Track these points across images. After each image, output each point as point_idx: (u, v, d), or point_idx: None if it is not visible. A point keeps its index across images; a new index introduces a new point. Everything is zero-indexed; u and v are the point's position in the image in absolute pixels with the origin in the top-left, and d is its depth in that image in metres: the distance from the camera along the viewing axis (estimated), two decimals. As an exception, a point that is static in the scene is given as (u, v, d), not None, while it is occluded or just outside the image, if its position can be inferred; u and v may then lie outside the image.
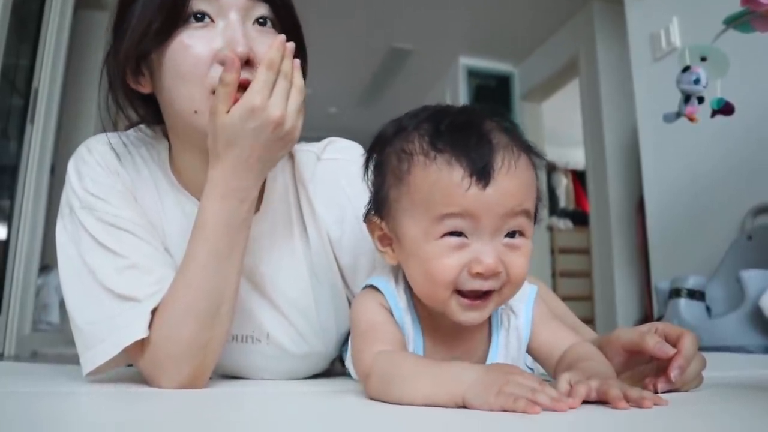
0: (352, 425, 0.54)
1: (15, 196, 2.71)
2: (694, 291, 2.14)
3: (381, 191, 0.76)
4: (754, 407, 0.62)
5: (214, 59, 0.84)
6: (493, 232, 0.68)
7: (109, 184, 0.92)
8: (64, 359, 1.56)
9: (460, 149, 0.67)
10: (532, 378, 0.58)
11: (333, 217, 0.99)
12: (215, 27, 0.85)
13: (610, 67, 3.99)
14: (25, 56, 2.81)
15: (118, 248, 0.87)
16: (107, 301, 0.84)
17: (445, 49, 4.95)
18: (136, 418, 0.60)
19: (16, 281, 2.66)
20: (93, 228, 0.88)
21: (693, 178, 2.46)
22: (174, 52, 0.85)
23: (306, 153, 1.03)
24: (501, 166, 0.67)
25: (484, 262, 0.67)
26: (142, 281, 0.85)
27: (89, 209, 0.89)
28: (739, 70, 1.31)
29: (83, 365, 0.84)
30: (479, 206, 0.66)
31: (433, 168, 0.68)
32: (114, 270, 0.85)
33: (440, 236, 0.68)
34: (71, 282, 0.88)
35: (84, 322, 0.85)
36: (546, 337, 0.80)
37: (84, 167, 0.94)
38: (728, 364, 1.27)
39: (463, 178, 0.66)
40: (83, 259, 0.87)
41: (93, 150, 0.95)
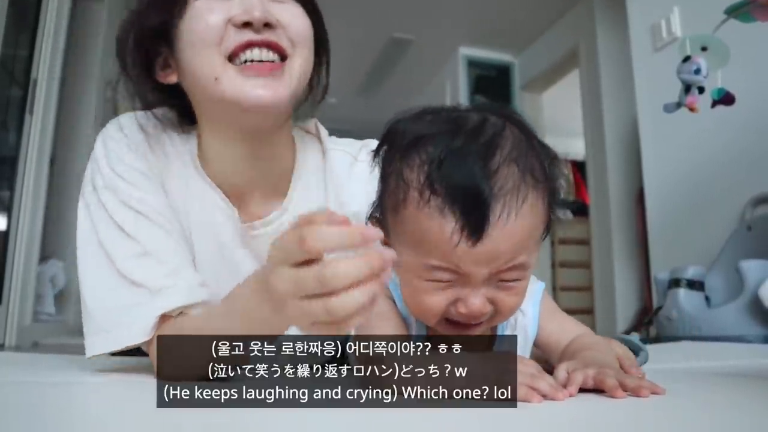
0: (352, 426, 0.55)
1: (14, 187, 2.71)
2: (694, 281, 2.15)
3: (381, 203, 0.73)
4: (752, 396, 0.62)
5: (229, 24, 0.83)
6: (481, 281, 0.65)
7: (136, 166, 0.90)
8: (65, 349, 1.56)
9: (456, 195, 0.61)
10: (531, 365, 0.58)
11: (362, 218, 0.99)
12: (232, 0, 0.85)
13: (611, 58, 3.98)
14: (24, 47, 2.80)
15: (137, 234, 0.86)
16: (119, 286, 0.83)
17: (445, 39, 4.93)
18: (139, 409, 0.60)
19: (16, 272, 2.66)
20: (114, 210, 0.87)
21: (693, 168, 2.46)
22: (190, 19, 0.84)
23: (341, 152, 1.01)
24: (498, 218, 0.61)
25: (469, 307, 0.65)
26: (155, 270, 0.84)
27: (113, 190, 0.88)
28: (740, 61, 1.31)
29: (87, 347, 0.84)
30: (467, 262, 0.63)
31: (425, 212, 0.63)
32: (130, 255, 0.84)
33: (427, 279, 0.66)
34: (86, 261, 0.87)
35: (94, 304, 0.84)
36: (552, 329, 0.80)
37: (113, 145, 0.91)
38: (727, 354, 1.27)
39: (453, 233, 0.61)
40: (100, 240, 0.86)
41: (123, 128, 0.93)
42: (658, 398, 0.58)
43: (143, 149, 0.92)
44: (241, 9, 0.84)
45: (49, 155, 2.90)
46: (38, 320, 2.98)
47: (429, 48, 5.05)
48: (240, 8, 0.84)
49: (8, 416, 0.52)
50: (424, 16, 4.56)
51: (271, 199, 0.96)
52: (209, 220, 0.91)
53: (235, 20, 0.83)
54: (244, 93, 0.83)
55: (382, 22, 4.66)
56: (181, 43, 0.86)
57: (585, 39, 4.23)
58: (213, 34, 0.83)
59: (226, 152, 0.92)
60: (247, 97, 0.83)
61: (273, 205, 0.96)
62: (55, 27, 2.89)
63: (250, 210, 0.95)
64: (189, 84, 0.89)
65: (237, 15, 0.83)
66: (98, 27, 3.63)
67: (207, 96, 0.87)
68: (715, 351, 1.41)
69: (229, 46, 0.83)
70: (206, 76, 0.84)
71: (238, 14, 0.83)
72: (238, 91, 0.83)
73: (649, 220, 2.72)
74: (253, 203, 0.96)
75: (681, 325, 2.10)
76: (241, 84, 0.83)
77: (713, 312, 2.03)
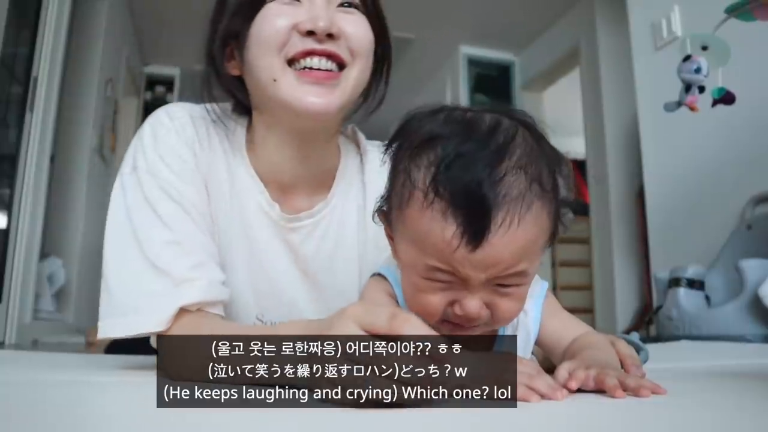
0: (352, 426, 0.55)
1: (15, 185, 2.71)
2: (694, 280, 2.15)
3: (389, 198, 0.73)
4: (752, 396, 0.62)
5: (294, 30, 0.86)
6: (479, 284, 0.65)
7: (182, 156, 0.91)
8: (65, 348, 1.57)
9: (460, 199, 0.61)
10: (529, 365, 0.58)
11: None
12: (301, 5, 0.87)
13: (611, 57, 3.98)
14: (25, 44, 2.80)
15: (170, 222, 0.86)
16: (144, 270, 0.83)
17: (446, 38, 4.93)
18: (140, 409, 0.60)
19: (16, 270, 2.66)
20: (152, 194, 0.87)
21: (693, 167, 2.46)
22: (259, 21, 0.87)
23: (377, 153, 1.01)
24: (500, 226, 0.61)
25: (466, 310, 0.65)
26: (182, 261, 0.84)
27: (154, 174, 0.88)
28: (740, 60, 1.31)
29: (100, 328, 0.83)
30: (466, 268, 0.63)
31: (427, 215, 0.63)
32: (160, 241, 0.84)
33: (427, 277, 0.67)
34: (115, 241, 0.87)
35: (116, 286, 0.84)
36: (554, 327, 0.80)
37: (162, 130, 0.92)
38: (727, 353, 1.27)
39: (453, 237, 0.61)
40: (132, 221, 0.86)
41: (174, 117, 0.94)
42: (658, 398, 0.58)
43: (192, 141, 0.93)
44: (307, 16, 0.87)
45: (50, 153, 2.90)
46: (38, 318, 2.99)
47: (429, 47, 5.05)
48: (307, 15, 0.87)
49: (8, 415, 0.52)
50: (425, 14, 4.56)
51: (315, 195, 0.99)
52: (247, 212, 0.93)
53: (300, 27, 0.86)
54: (297, 98, 0.86)
55: (382, 20, 4.66)
56: (249, 41, 0.88)
57: (585, 38, 4.23)
58: (278, 38, 0.86)
59: (277, 150, 0.95)
60: (300, 102, 0.86)
61: (315, 199, 0.98)
62: (55, 25, 2.89)
63: (293, 204, 0.97)
64: (250, 80, 0.92)
65: (303, 22, 0.86)
66: (99, 25, 3.64)
67: (265, 95, 0.89)
68: (715, 350, 1.41)
69: (291, 51, 0.86)
70: (266, 77, 0.87)
71: (303, 21, 0.86)
72: (293, 95, 0.86)
73: (650, 219, 2.72)
74: (297, 198, 0.98)
75: (681, 324, 2.10)
76: (297, 89, 0.86)
77: (713, 311, 2.03)
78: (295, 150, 0.94)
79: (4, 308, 2.60)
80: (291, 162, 0.95)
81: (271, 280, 0.96)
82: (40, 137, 2.77)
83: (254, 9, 0.88)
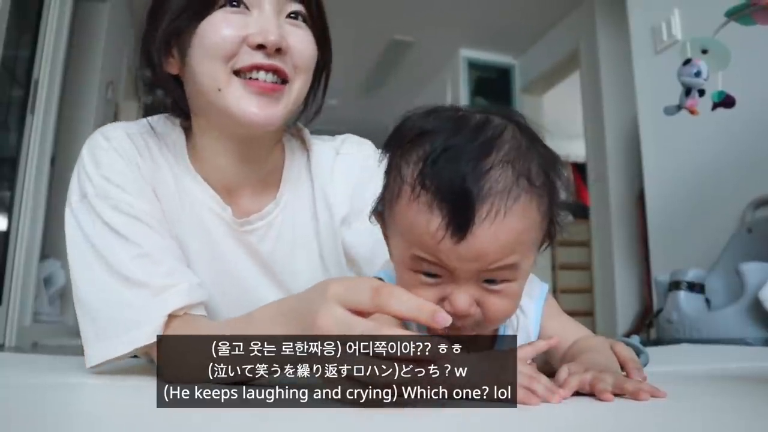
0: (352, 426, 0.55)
1: (15, 187, 2.71)
2: (694, 283, 2.15)
3: (383, 196, 0.74)
4: (752, 400, 0.62)
5: (243, 42, 0.86)
6: (468, 279, 0.65)
7: (127, 173, 0.91)
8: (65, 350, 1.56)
9: (445, 192, 0.61)
10: (528, 366, 0.58)
11: (351, 209, 1.00)
12: (250, 14, 0.87)
13: (611, 60, 3.98)
14: (26, 47, 2.80)
15: (133, 236, 0.86)
16: (122, 289, 0.83)
17: (446, 41, 4.94)
18: (140, 411, 0.60)
19: (16, 272, 2.66)
20: (107, 215, 0.87)
21: (693, 170, 2.46)
22: (205, 29, 0.86)
23: (323, 146, 1.05)
24: (485, 218, 0.61)
25: (455, 305, 0.65)
26: (156, 270, 0.85)
27: (104, 197, 0.88)
28: (740, 63, 1.31)
29: (90, 356, 0.83)
30: (452, 259, 0.63)
31: (414, 208, 0.64)
32: (128, 257, 0.85)
33: (415, 270, 0.67)
34: (82, 270, 0.87)
35: (98, 310, 0.84)
36: (554, 329, 0.80)
37: (101, 153, 0.92)
38: (727, 357, 1.27)
39: (438, 229, 0.61)
40: (95, 246, 0.86)
41: (110, 137, 0.94)
42: (658, 401, 0.58)
43: (131, 155, 0.93)
44: (257, 28, 0.86)
45: (50, 155, 2.90)
46: (38, 321, 2.98)
47: (430, 50, 5.06)
48: (256, 27, 0.86)
49: (8, 418, 0.52)
50: (425, 18, 4.57)
51: (262, 195, 0.99)
52: (201, 219, 0.93)
53: (250, 41, 0.86)
54: (242, 109, 0.87)
55: (383, 23, 4.67)
56: (193, 44, 0.87)
57: (585, 41, 4.23)
58: (225, 48, 0.86)
59: (220, 153, 0.95)
60: (245, 113, 0.87)
61: (264, 200, 0.98)
62: (56, 28, 2.89)
63: (241, 206, 0.97)
64: (190, 83, 0.91)
65: (253, 35, 0.86)
66: (100, 28, 3.64)
67: (207, 101, 0.89)
68: (715, 354, 1.41)
69: (239, 64, 0.86)
70: (210, 84, 0.87)
71: (254, 35, 0.86)
72: (238, 106, 0.87)
73: (650, 221, 2.72)
74: (244, 200, 0.98)
75: (681, 327, 2.10)
76: (242, 99, 0.86)
77: (713, 314, 2.03)
78: (238, 154, 0.94)
79: (4, 310, 2.60)
80: (235, 166, 0.95)
81: (237, 283, 0.97)
82: (40, 139, 2.77)
83: (202, 12, 0.87)
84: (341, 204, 1.00)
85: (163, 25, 0.89)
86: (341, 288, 0.58)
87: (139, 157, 0.93)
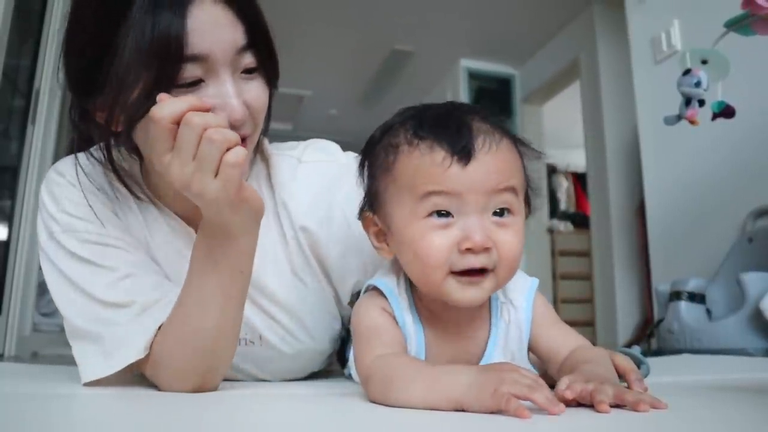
0: (354, 428, 0.54)
1: (16, 197, 2.71)
2: (695, 294, 2.14)
3: (372, 186, 0.77)
4: (754, 411, 0.62)
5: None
6: (479, 210, 0.69)
7: (87, 202, 0.90)
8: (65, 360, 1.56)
9: (442, 134, 0.70)
10: (529, 375, 0.58)
11: (317, 218, 0.99)
12: (205, 87, 0.79)
13: (611, 70, 3.99)
14: (27, 57, 2.81)
15: (109, 263, 0.87)
16: (107, 314, 0.84)
17: (446, 51, 4.95)
18: (139, 421, 0.60)
19: (16, 282, 2.65)
20: (78, 249, 0.87)
21: (694, 180, 2.46)
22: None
23: (283, 156, 1.02)
24: (482, 147, 0.69)
25: (472, 237, 0.68)
26: (142, 286, 0.86)
27: (71, 231, 0.88)
28: (740, 73, 1.31)
29: (86, 372, 0.84)
30: (462, 183, 0.68)
31: (416, 153, 0.70)
32: (110, 283, 0.85)
33: (425, 216, 0.70)
34: (67, 306, 0.87)
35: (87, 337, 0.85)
36: (552, 337, 0.80)
37: (58, 189, 0.92)
38: (728, 367, 1.27)
39: (444, 158, 0.68)
40: (72, 280, 0.86)
41: (64, 172, 0.93)
42: (659, 413, 0.58)
43: (88, 186, 0.92)
44: (218, 102, 0.79)
45: (51, 165, 2.90)
46: (38, 330, 2.98)
47: (430, 60, 5.07)
48: (214, 101, 0.78)
49: (7, 429, 0.52)
50: (425, 28, 4.58)
51: None
52: (169, 242, 0.93)
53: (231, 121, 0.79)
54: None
55: (383, 34, 4.68)
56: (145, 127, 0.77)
57: (586, 51, 4.24)
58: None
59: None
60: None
61: None
62: (57, 37, 2.89)
63: None
64: (137, 141, 0.84)
65: (230, 118, 0.79)
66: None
67: (152, 164, 0.82)
68: (716, 364, 1.41)
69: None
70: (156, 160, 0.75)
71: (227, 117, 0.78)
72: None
73: (650, 231, 2.72)
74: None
75: (682, 337, 2.09)
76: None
77: (714, 325, 2.02)
78: None
79: (4, 320, 2.59)
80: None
81: None
82: (41, 149, 2.77)
83: (155, 90, 0.75)
84: (305, 214, 0.98)
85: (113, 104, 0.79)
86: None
87: (96, 187, 0.92)
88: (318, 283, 1.01)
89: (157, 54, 0.75)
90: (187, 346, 0.80)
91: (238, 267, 0.81)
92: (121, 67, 0.77)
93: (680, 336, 2.10)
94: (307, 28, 4.26)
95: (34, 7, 2.81)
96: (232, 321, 0.83)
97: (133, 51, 0.75)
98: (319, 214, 0.99)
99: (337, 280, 1.02)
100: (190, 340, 0.80)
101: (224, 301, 0.81)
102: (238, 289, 0.82)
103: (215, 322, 0.81)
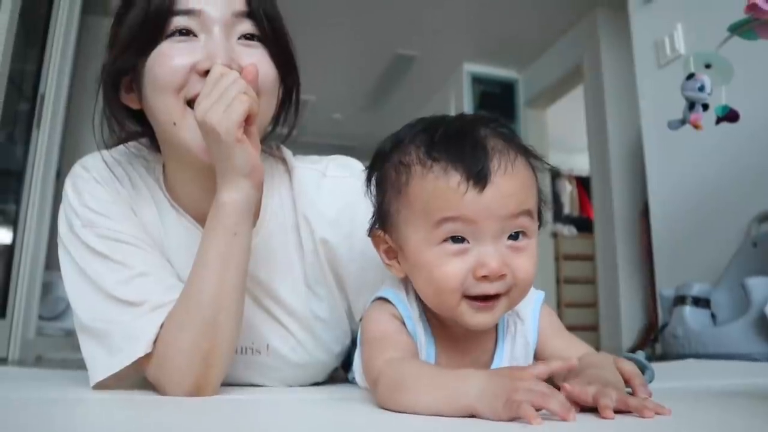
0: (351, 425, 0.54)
1: (20, 201, 2.71)
2: (699, 298, 2.13)
3: (383, 205, 0.76)
4: (759, 417, 0.62)
5: (192, 70, 0.83)
6: (494, 236, 0.68)
7: (109, 199, 0.92)
8: (69, 364, 1.56)
9: (456, 156, 0.68)
10: (541, 383, 0.57)
11: (340, 233, 0.98)
12: (198, 41, 0.85)
13: (615, 74, 3.99)
14: (32, 61, 2.82)
15: (125, 260, 0.87)
16: (116, 311, 0.84)
17: (450, 55, 4.95)
18: (143, 425, 0.60)
19: (20, 286, 2.66)
20: (96, 244, 0.88)
21: (698, 184, 2.46)
22: (152, 61, 0.84)
23: (308, 169, 1.02)
24: (498, 168, 0.67)
25: (488, 265, 0.67)
26: (155, 287, 0.86)
27: (90, 226, 0.89)
28: (744, 78, 1.31)
29: (93, 374, 0.84)
30: (477, 210, 0.67)
31: (430, 176, 0.69)
32: (123, 280, 0.85)
33: (440, 242, 0.69)
34: (79, 300, 0.88)
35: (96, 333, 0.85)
36: (559, 345, 0.80)
37: (82, 184, 0.94)
38: (733, 372, 1.26)
39: (460, 183, 0.67)
40: (88, 274, 0.87)
41: (90, 167, 0.95)
42: (662, 419, 0.57)
43: (111, 182, 0.94)
44: (204, 54, 0.84)
45: (56, 169, 2.91)
46: (42, 334, 2.98)
47: (433, 64, 5.07)
48: (204, 53, 0.84)
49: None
50: (429, 32, 4.59)
51: None
52: (184, 245, 0.93)
53: (198, 68, 0.83)
54: (196, 143, 0.84)
55: (386, 38, 4.69)
56: (145, 79, 0.86)
57: (589, 55, 4.24)
58: (175, 79, 0.83)
59: (187, 182, 0.94)
60: (199, 147, 0.84)
61: None
62: (63, 42, 2.91)
63: None
64: (150, 117, 0.89)
65: (200, 62, 0.83)
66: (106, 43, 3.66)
67: (166, 134, 0.88)
68: (721, 369, 1.40)
69: (190, 92, 0.83)
70: (165, 119, 0.85)
71: (201, 61, 0.83)
72: (193, 139, 0.84)
73: (654, 235, 2.71)
74: None
75: (687, 342, 2.09)
76: (196, 132, 0.82)
77: (719, 329, 2.02)
78: (205, 183, 0.89)
79: (8, 324, 2.60)
80: (207, 194, 0.88)
81: None
82: (46, 154, 2.78)
83: (147, 46, 0.85)
84: (328, 227, 0.98)
85: (111, 60, 0.88)
86: None
87: (119, 184, 0.94)
88: (331, 297, 1.01)
89: (152, 6, 0.84)
90: (189, 323, 0.81)
91: (231, 229, 0.82)
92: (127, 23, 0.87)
93: (685, 341, 2.09)
94: (311, 33, 4.27)
95: (39, 11, 2.82)
96: (232, 290, 0.83)
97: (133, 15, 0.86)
98: (343, 229, 0.97)
99: (353, 294, 1.01)
100: (192, 316, 0.81)
101: (222, 267, 0.82)
102: (234, 255, 0.83)
103: (214, 289, 0.81)
